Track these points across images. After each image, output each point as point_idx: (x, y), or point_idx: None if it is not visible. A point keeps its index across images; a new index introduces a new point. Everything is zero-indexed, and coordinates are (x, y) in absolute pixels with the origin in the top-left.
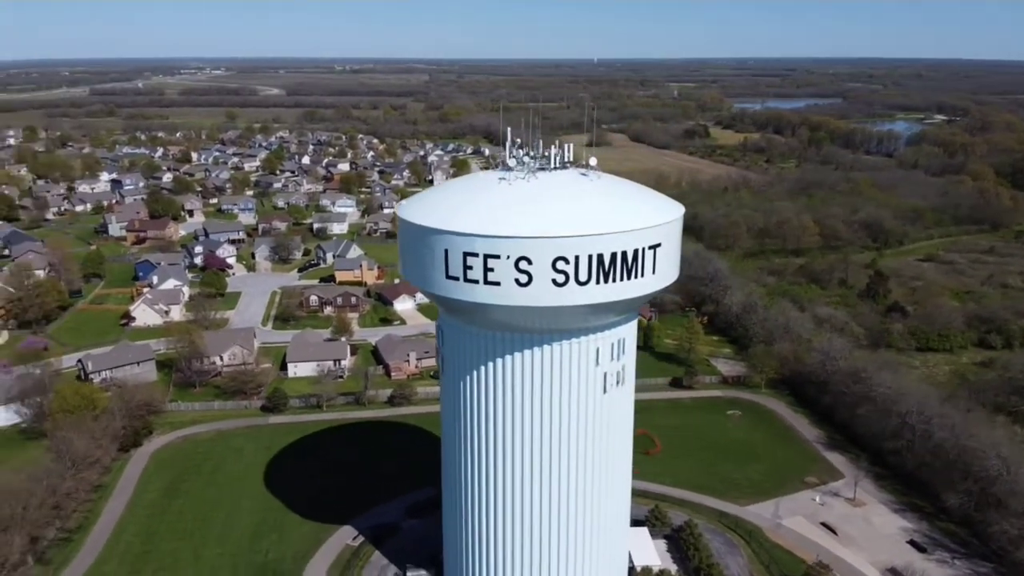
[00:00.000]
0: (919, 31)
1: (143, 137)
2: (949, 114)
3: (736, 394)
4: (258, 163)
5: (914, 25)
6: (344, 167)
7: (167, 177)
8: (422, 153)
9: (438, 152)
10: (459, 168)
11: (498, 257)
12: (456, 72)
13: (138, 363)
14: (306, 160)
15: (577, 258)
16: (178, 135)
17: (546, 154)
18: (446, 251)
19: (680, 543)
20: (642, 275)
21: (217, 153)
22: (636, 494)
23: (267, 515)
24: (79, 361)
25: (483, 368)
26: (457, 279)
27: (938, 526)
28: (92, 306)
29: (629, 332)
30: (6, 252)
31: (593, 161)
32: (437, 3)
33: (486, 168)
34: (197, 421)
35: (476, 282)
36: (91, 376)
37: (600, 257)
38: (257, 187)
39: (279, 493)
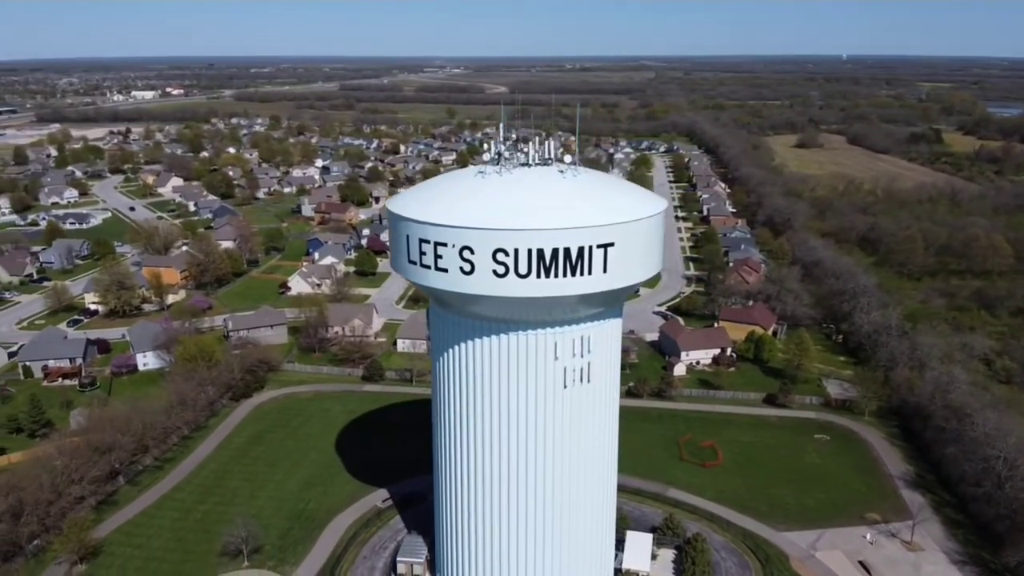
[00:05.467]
0: None
1: (367, 130)
2: None
3: (833, 419)
4: (455, 157)
5: None
6: None
7: (369, 166)
8: (612, 150)
9: (626, 149)
10: (639, 165)
11: (445, 245)
12: (684, 69)
13: (271, 326)
14: None
15: (516, 251)
16: (398, 129)
17: (526, 150)
18: (407, 237)
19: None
20: (590, 273)
21: (422, 147)
22: (667, 503)
23: (324, 470)
24: (224, 320)
25: (452, 351)
26: (415, 264)
27: None
28: (264, 275)
29: (598, 330)
30: (213, 224)
31: (568, 158)
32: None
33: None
34: (304, 382)
35: (429, 267)
36: (231, 334)
37: (540, 252)
38: None
39: (341, 452)
